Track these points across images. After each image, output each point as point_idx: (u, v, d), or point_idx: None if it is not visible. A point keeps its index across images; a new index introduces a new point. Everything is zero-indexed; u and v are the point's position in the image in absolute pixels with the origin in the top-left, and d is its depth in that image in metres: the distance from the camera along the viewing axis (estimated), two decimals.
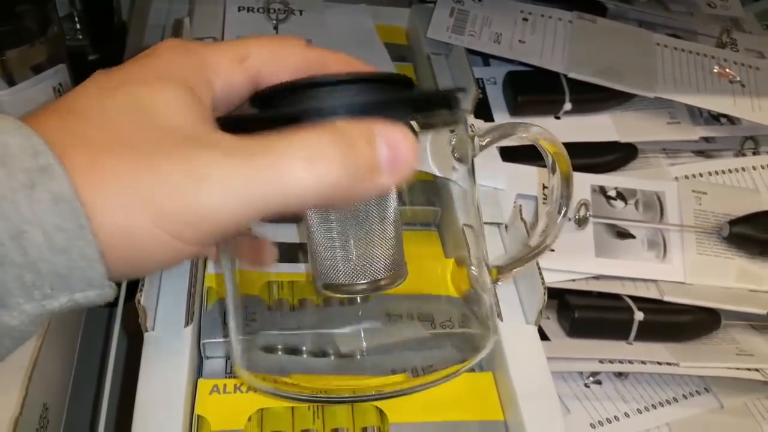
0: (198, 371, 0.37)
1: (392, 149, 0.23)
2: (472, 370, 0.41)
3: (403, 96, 0.28)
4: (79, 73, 0.50)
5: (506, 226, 0.44)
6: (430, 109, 0.28)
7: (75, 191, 0.20)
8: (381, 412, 0.36)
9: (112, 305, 0.55)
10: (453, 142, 0.32)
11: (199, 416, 0.34)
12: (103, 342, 0.48)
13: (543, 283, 0.38)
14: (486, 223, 0.44)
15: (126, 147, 0.21)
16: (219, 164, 0.21)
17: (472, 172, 0.34)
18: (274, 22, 0.54)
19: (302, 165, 0.21)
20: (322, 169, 0.22)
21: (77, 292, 0.21)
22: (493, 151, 0.49)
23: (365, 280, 0.31)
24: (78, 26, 0.58)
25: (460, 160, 0.33)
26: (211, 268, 0.39)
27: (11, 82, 0.44)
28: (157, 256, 0.22)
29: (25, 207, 0.19)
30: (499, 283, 0.38)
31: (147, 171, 0.21)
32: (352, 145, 0.22)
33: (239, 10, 0.55)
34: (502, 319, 0.39)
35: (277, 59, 0.27)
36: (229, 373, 0.37)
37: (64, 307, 0.21)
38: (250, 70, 0.27)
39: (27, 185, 0.20)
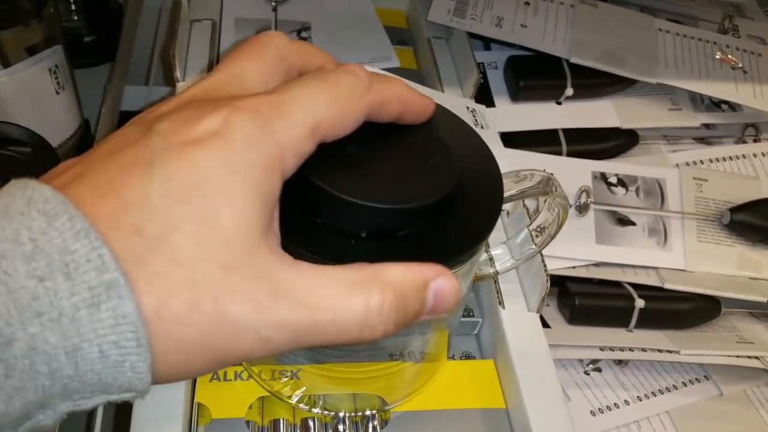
0: None
1: (438, 299, 0.24)
2: (473, 357, 0.41)
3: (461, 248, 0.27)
4: (75, 54, 0.49)
5: (507, 213, 0.44)
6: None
7: (140, 311, 0.19)
8: (383, 401, 0.35)
9: None
10: None
11: (199, 404, 0.33)
12: None
13: (546, 271, 0.38)
14: None
15: (188, 279, 0.20)
16: (288, 312, 0.21)
17: None
18: (273, 4, 0.53)
19: (359, 331, 0.22)
20: (373, 335, 0.22)
21: (115, 394, 0.20)
22: (495, 137, 0.49)
23: None
24: (73, 7, 0.57)
25: None
26: None
27: (6, 63, 0.43)
28: (203, 371, 0.22)
29: (86, 326, 0.18)
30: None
31: (211, 315, 0.20)
32: (407, 305, 0.23)
33: None
34: (504, 307, 0.38)
35: (343, 120, 0.24)
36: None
37: (96, 405, 0.21)
38: (318, 137, 0.24)
39: (91, 303, 0.18)
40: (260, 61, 0.25)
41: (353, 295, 0.22)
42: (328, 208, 0.25)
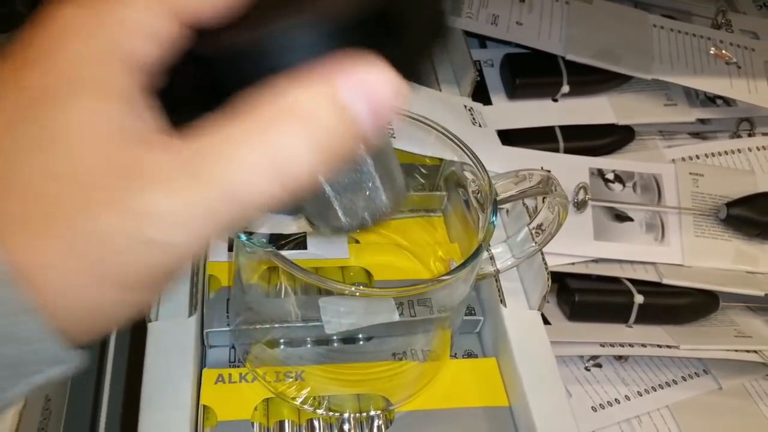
0: (202, 361, 0.36)
1: (370, 101, 0.18)
2: (475, 355, 0.41)
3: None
4: None
5: (507, 211, 0.44)
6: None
7: (11, 272, 0.17)
8: (387, 401, 0.36)
9: None
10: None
11: (204, 406, 0.33)
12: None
13: (547, 269, 0.38)
14: None
15: (52, 213, 0.18)
16: (163, 200, 0.17)
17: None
18: None
19: (260, 179, 0.18)
20: (287, 172, 0.18)
21: (35, 374, 0.19)
22: (492, 135, 0.49)
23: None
24: None
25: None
26: (212, 256, 0.39)
27: None
28: (120, 316, 0.19)
29: None
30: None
31: (83, 240, 0.18)
32: (315, 122, 0.18)
33: None
34: (505, 305, 0.39)
35: None
36: (233, 362, 0.37)
37: (24, 392, 0.19)
38: (166, 5, 0.20)
39: None
40: None
41: (243, 135, 0.18)
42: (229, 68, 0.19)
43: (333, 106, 0.18)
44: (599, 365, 0.47)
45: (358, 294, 0.30)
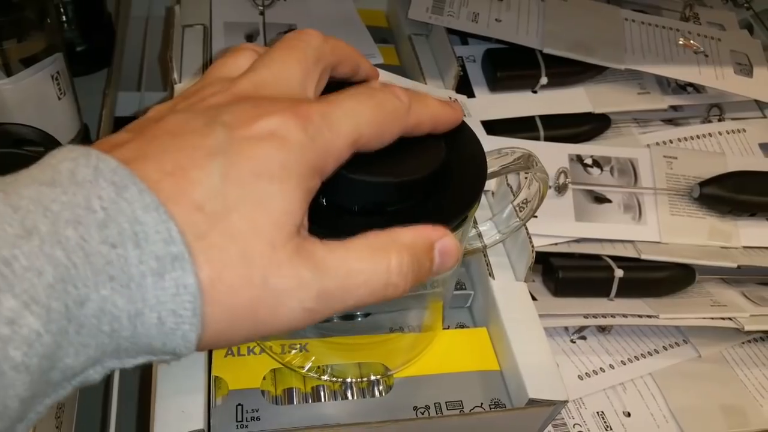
0: None
1: (443, 257, 0.27)
2: (467, 327, 0.43)
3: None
4: (69, 62, 0.51)
5: (492, 193, 0.46)
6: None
7: (200, 285, 0.21)
8: (385, 367, 0.38)
9: None
10: None
11: (216, 377, 0.36)
12: None
13: (531, 242, 0.41)
14: None
15: (242, 254, 0.22)
16: (320, 282, 0.24)
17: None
18: (260, 7, 0.56)
19: (384, 289, 0.25)
20: (395, 291, 0.25)
21: (158, 356, 0.22)
22: (477, 125, 0.51)
23: None
24: (64, 17, 0.59)
25: None
26: None
27: (9, 72, 0.45)
28: (243, 340, 0.24)
29: (150, 293, 0.20)
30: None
31: (259, 278, 0.22)
32: (420, 264, 0.26)
33: None
34: (494, 278, 0.41)
35: (381, 137, 0.27)
36: None
37: (137, 365, 0.23)
38: (355, 148, 0.26)
39: (157, 272, 0.20)
40: (301, 63, 0.28)
41: (377, 259, 0.25)
42: (329, 185, 0.27)
43: (428, 248, 0.26)
44: (584, 337, 0.50)
45: None
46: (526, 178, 0.40)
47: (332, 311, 0.24)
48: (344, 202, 0.29)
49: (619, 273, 0.49)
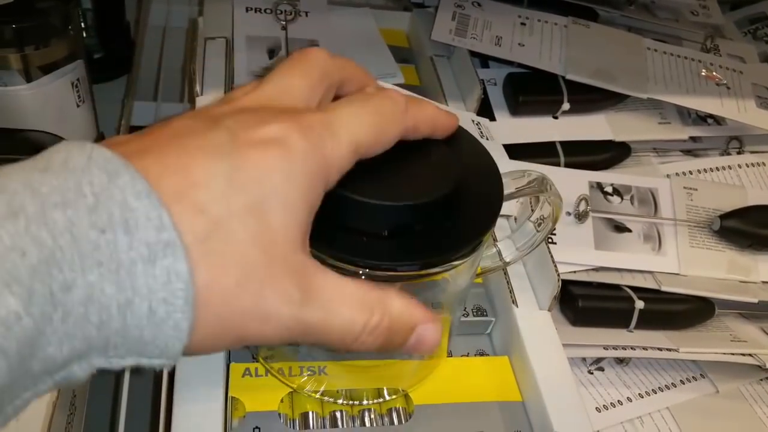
0: (228, 356, 0.38)
1: (418, 342, 0.27)
2: (486, 354, 0.43)
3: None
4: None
5: (515, 218, 0.46)
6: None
7: (192, 272, 0.21)
8: (406, 395, 0.37)
9: None
10: None
11: (233, 398, 0.35)
12: None
13: (556, 270, 0.40)
14: None
15: (239, 261, 0.22)
16: (305, 308, 0.24)
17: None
18: (283, 23, 0.55)
19: (352, 341, 0.25)
20: (359, 347, 0.26)
21: (146, 358, 0.22)
22: (500, 148, 0.51)
23: None
24: (83, 24, 0.59)
25: None
26: None
27: (29, 78, 0.45)
28: (225, 348, 0.25)
29: (141, 280, 0.20)
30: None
31: (254, 287, 0.22)
32: (393, 336, 0.26)
33: (247, 10, 0.56)
34: (517, 306, 0.40)
35: (382, 141, 0.27)
36: (254, 359, 0.38)
37: (123, 366, 0.22)
38: (358, 155, 0.26)
39: (147, 259, 0.20)
40: (307, 78, 0.27)
41: (361, 311, 0.25)
42: (347, 211, 0.28)
43: (408, 327, 0.27)
44: (601, 369, 0.49)
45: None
46: (539, 199, 0.39)
47: (303, 340, 0.25)
48: (358, 225, 0.28)
49: (639, 304, 0.48)
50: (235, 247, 0.22)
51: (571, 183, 0.53)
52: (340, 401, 0.36)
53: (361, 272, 0.28)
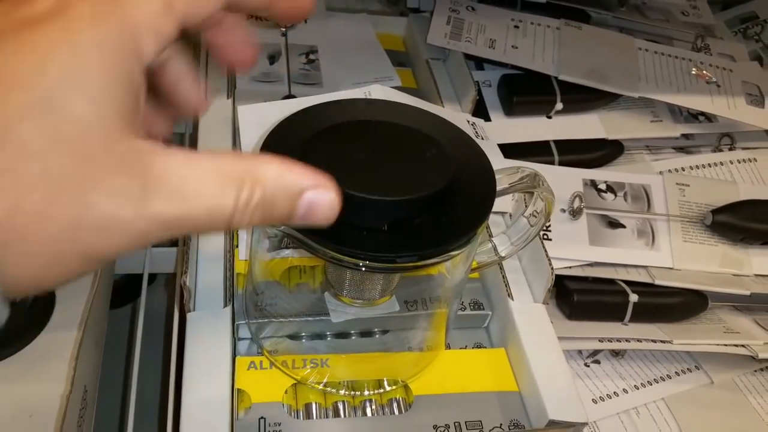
0: (234, 349, 0.39)
1: (311, 210, 0.23)
2: (484, 347, 0.44)
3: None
4: None
5: (510, 215, 0.47)
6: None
7: None
8: (406, 386, 0.38)
9: (135, 297, 0.57)
10: None
11: (239, 390, 0.36)
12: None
13: (550, 264, 0.41)
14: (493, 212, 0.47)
15: (42, 173, 0.18)
16: (152, 203, 0.20)
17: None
18: (282, 29, 0.57)
19: (226, 223, 0.22)
20: (238, 226, 0.22)
21: None
22: (495, 147, 0.52)
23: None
24: None
25: None
26: (241, 255, 0.41)
27: None
28: (75, 272, 0.21)
29: None
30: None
31: (71, 198, 0.19)
32: (274, 206, 0.22)
33: (248, 17, 0.57)
34: (512, 299, 0.42)
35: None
36: (259, 352, 0.40)
37: None
38: (176, 16, 0.22)
39: None
40: None
41: (226, 188, 0.21)
42: (348, 207, 0.27)
43: (293, 194, 0.23)
44: (597, 361, 0.50)
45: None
46: (533, 195, 0.41)
47: (169, 236, 0.21)
48: (356, 221, 0.29)
49: (633, 298, 0.49)
50: (31, 159, 0.18)
51: (565, 180, 0.54)
52: (342, 392, 0.38)
53: (361, 264, 0.29)
